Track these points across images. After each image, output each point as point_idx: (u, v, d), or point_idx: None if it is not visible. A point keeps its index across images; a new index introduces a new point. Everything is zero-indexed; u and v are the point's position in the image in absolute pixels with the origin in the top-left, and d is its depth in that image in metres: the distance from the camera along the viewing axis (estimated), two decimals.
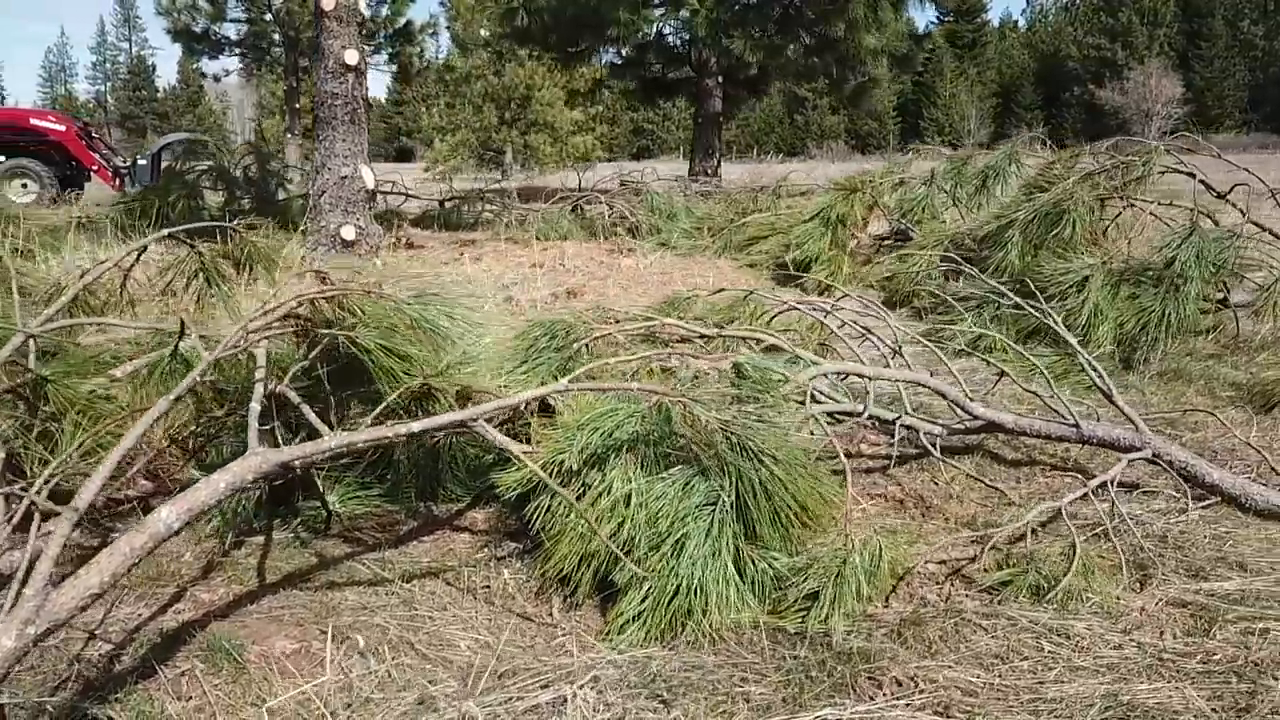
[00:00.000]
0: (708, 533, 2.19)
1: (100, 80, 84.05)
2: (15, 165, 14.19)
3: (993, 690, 2.07)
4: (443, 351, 2.25)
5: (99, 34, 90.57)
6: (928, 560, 2.60)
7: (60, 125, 14.80)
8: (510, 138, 24.76)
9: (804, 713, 1.92)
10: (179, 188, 8.63)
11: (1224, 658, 2.18)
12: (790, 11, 13.06)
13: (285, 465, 1.90)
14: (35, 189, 14.09)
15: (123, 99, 79.45)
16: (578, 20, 12.71)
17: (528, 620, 2.35)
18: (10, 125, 14.64)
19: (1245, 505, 3.00)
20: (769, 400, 2.39)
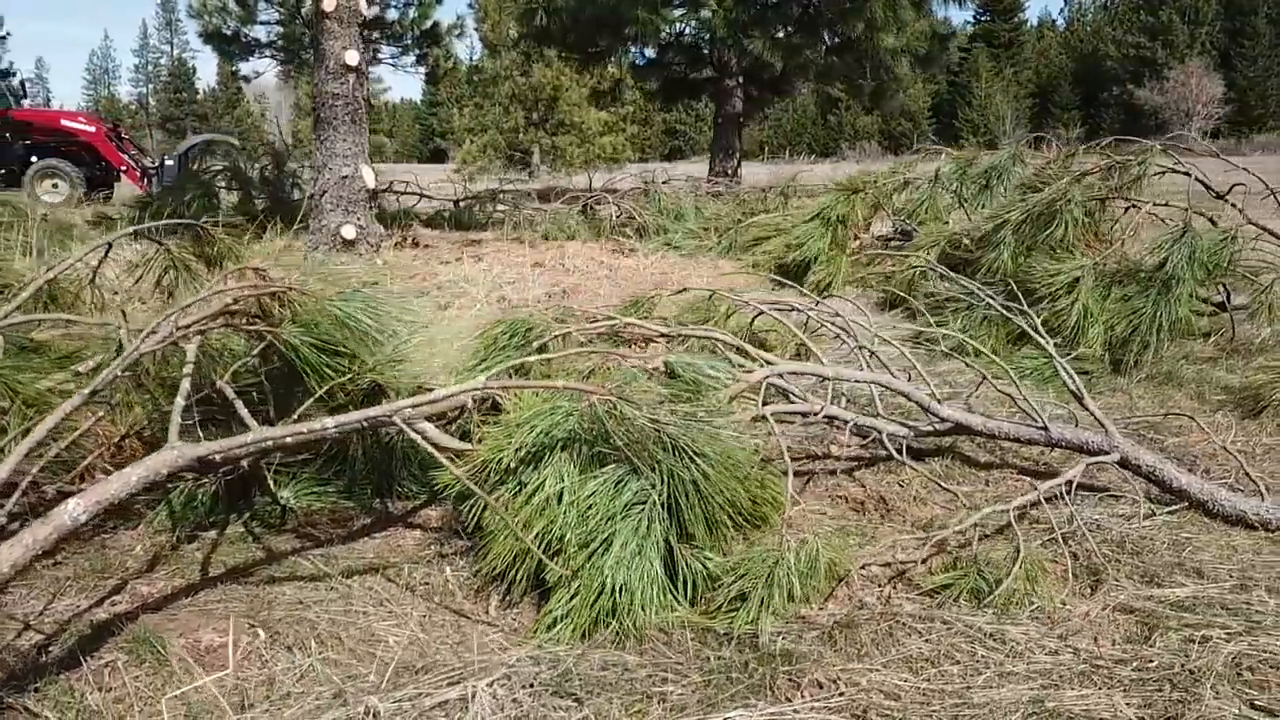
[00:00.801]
0: (635, 532, 2.18)
1: (142, 83, 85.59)
2: (46, 165, 14.46)
3: (917, 694, 2.04)
4: (367, 349, 2.26)
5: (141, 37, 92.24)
6: (871, 563, 2.58)
7: (90, 126, 15.07)
8: (537, 138, 24.84)
9: (716, 713, 1.90)
10: (195, 188, 8.75)
11: (1160, 665, 2.14)
12: (810, 11, 12.99)
13: (202, 460, 1.92)
14: (65, 189, 14.35)
15: (164, 101, 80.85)
16: (596, 20, 12.73)
17: (464, 617, 2.36)
18: (42, 126, 14.94)
19: (1213, 511, 2.94)
20: (703, 400, 2.37)
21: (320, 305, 2.18)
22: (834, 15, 12.52)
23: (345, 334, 2.20)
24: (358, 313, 2.21)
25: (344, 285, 2.46)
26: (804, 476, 3.30)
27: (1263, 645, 2.22)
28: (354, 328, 2.19)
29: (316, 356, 2.22)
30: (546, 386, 2.24)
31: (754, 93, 15.91)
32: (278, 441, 2.03)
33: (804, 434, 3.65)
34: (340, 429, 2.03)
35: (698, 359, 2.44)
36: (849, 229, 6.55)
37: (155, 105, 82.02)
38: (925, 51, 14.09)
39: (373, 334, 2.19)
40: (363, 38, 19.50)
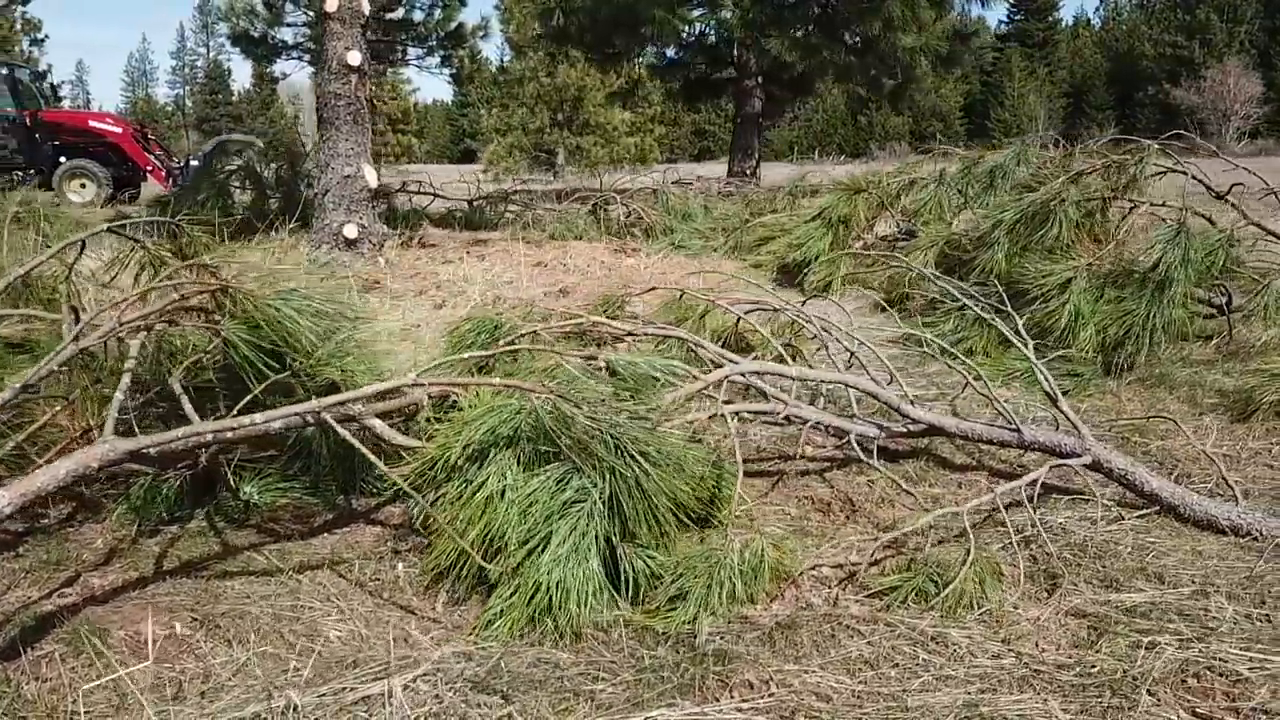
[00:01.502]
0: (572, 530, 2.18)
1: (179, 85, 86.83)
2: (74, 166, 14.70)
3: (851, 696, 2.03)
4: (303, 347, 2.28)
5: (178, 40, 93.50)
6: (822, 564, 2.56)
7: (117, 127, 15.31)
8: (562, 139, 24.91)
9: (641, 712, 1.90)
10: (209, 188, 8.85)
11: (1103, 670, 2.11)
12: (828, 11, 12.92)
13: (134, 453, 1.94)
14: (93, 189, 14.58)
15: (199, 102, 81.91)
16: (613, 20, 12.74)
17: (410, 614, 2.37)
18: (70, 127, 15.18)
19: (1184, 515, 2.90)
20: (647, 398, 2.37)
21: (256, 303, 2.20)
22: (851, 15, 12.44)
23: (283, 332, 2.22)
24: (293, 311, 2.22)
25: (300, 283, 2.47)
26: (773, 476, 3.29)
27: (1213, 652, 2.19)
28: (289, 326, 2.20)
29: (255, 354, 2.24)
30: (481, 384, 2.24)
31: (775, 92, 15.85)
32: (216, 436, 2.05)
33: (779, 434, 3.64)
34: (269, 423, 2.05)
35: (639, 358, 2.44)
36: (851, 229, 6.51)
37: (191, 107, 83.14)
38: (946, 51, 13.96)
39: (305, 332, 2.21)
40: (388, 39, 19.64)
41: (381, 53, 22.22)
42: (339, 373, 2.39)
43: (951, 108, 65.01)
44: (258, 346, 2.23)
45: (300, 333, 2.19)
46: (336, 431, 2.12)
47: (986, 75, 68.77)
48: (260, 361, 2.24)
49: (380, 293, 5.74)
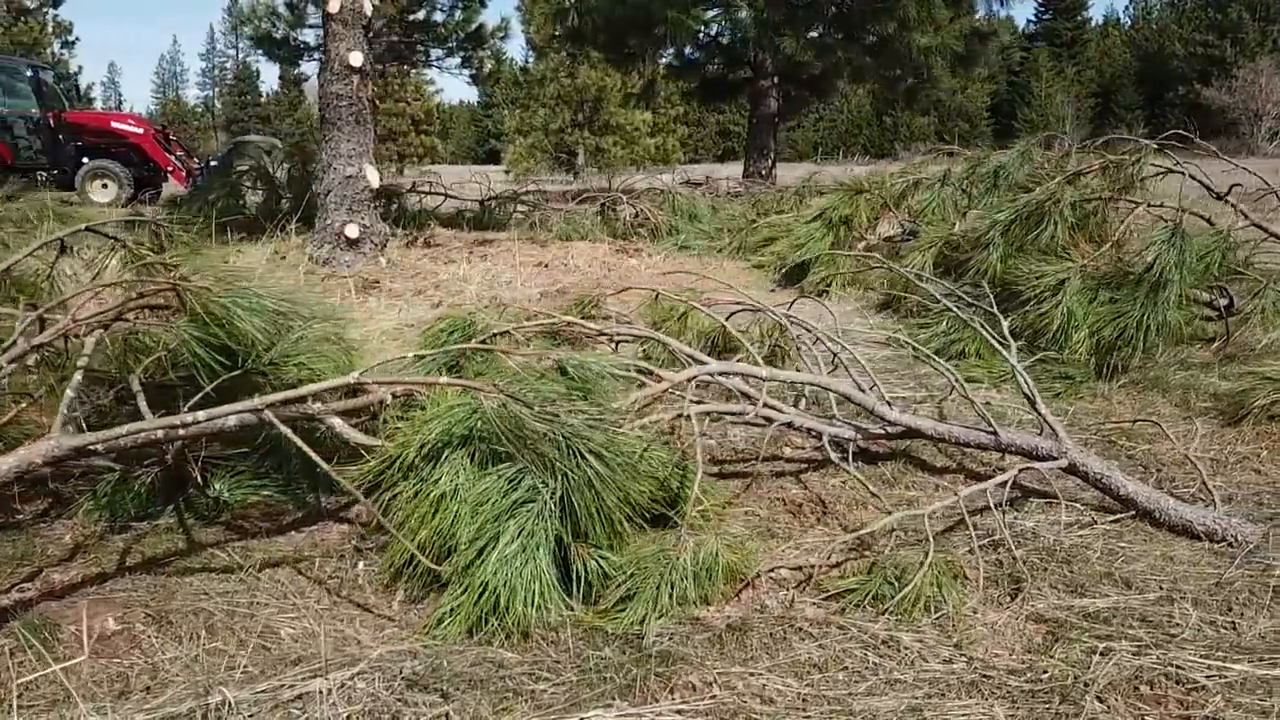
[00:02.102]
0: (520, 530, 2.18)
1: (208, 86, 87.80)
2: (97, 166, 14.86)
3: (796, 699, 2.01)
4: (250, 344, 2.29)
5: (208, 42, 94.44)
6: (782, 565, 2.55)
7: (138, 128, 15.47)
8: (582, 139, 24.93)
9: (577, 712, 1.89)
10: (220, 188, 8.93)
11: (1055, 676, 2.09)
12: (843, 10, 12.85)
13: (80, 450, 1.96)
14: (114, 189, 14.74)
15: (229, 104, 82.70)
16: (627, 20, 12.73)
17: (366, 611, 2.38)
18: (93, 128, 15.36)
19: (1159, 520, 2.86)
20: (597, 397, 2.36)
21: (205, 301, 2.21)
22: (866, 14, 12.36)
23: (232, 329, 2.23)
24: (242, 309, 2.23)
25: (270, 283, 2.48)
26: (748, 478, 3.27)
27: (1171, 659, 2.15)
28: (238, 324, 2.21)
29: (206, 351, 2.25)
30: (426, 383, 2.24)
31: (792, 92, 15.79)
32: (168, 433, 2.06)
33: (759, 436, 3.61)
34: (211, 420, 2.06)
35: (591, 358, 2.43)
36: (854, 230, 6.48)
37: (220, 108, 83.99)
38: (964, 51, 13.85)
39: (254, 330, 2.22)
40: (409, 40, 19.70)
41: (402, 54, 22.36)
42: (295, 370, 2.39)
43: (978, 108, 64.47)
44: (208, 344, 2.25)
45: (249, 330, 2.20)
46: (286, 429, 2.13)
47: (1013, 75, 68.16)
48: (211, 359, 2.26)
49: (379, 292, 5.76)
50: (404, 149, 36.10)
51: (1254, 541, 2.70)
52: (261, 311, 2.25)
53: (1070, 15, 70.61)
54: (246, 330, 2.20)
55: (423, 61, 23.22)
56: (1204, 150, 4.76)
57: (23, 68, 15.82)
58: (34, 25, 33.37)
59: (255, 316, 2.22)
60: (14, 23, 32.65)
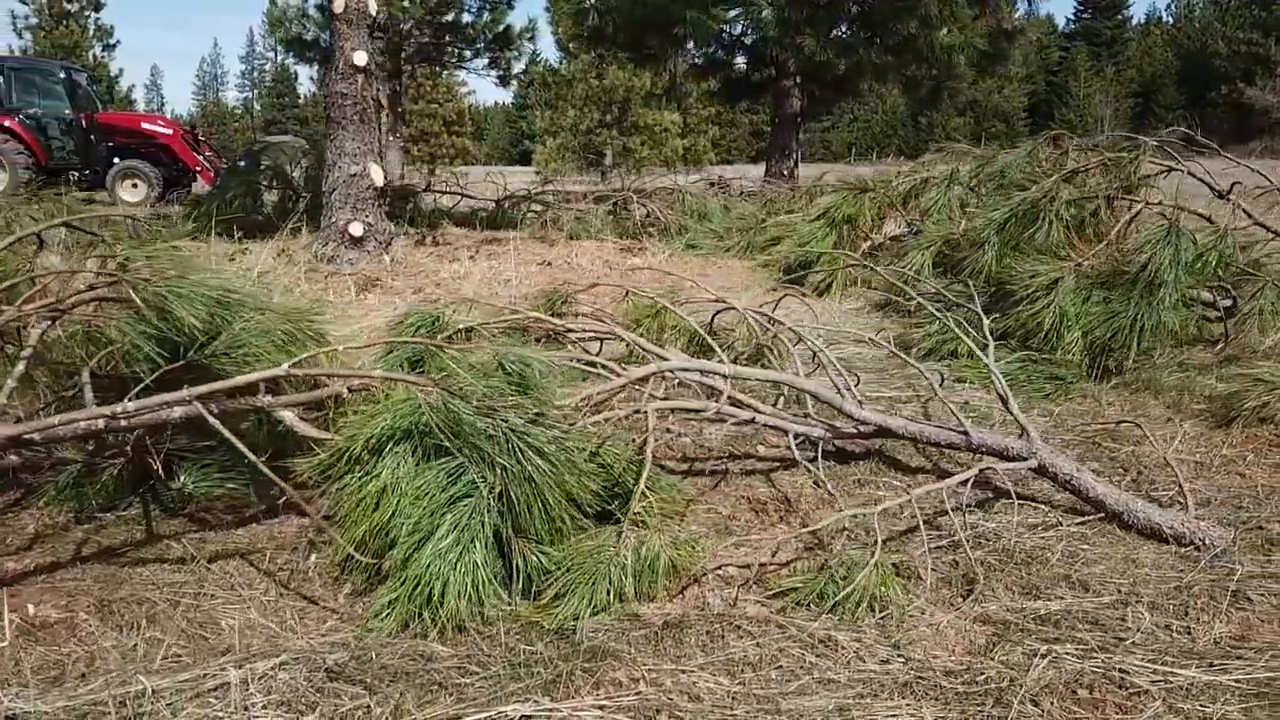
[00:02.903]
0: (457, 524, 2.18)
1: (248, 88, 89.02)
2: (127, 167, 15.12)
3: (725, 697, 1.99)
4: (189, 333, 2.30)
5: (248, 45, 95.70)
6: (730, 563, 2.53)
7: (168, 129, 15.72)
8: (610, 139, 24.96)
9: (495, 706, 1.89)
10: (237, 187, 9.05)
11: (991, 678, 2.05)
12: (864, 9, 12.75)
13: (14, 439, 1.98)
14: (144, 189, 14.98)
15: (267, 105, 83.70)
16: (646, 20, 12.72)
17: (311, 603, 2.38)
18: (124, 129, 15.62)
19: (1128, 522, 2.80)
20: (538, 393, 2.35)
21: (143, 293, 2.23)
22: (888, 13, 12.25)
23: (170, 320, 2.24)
24: (179, 300, 2.25)
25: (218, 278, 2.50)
26: (718, 475, 3.25)
27: (1115, 663, 2.11)
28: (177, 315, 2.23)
29: (146, 342, 2.27)
30: (360, 376, 2.25)
31: (816, 92, 15.71)
32: (109, 423, 2.09)
33: (735, 434, 3.60)
34: (141, 413, 2.08)
35: (532, 353, 2.42)
36: (858, 229, 6.42)
37: (259, 110, 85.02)
38: (990, 49, 13.69)
39: (191, 320, 2.23)
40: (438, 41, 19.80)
41: (431, 55, 22.52)
42: (235, 363, 2.41)
43: (1015, 108, 63.81)
44: (148, 335, 2.27)
45: (188, 320, 2.21)
46: (215, 420, 2.14)
47: (1051, 75, 67.39)
48: (152, 350, 2.28)
49: (378, 290, 5.80)
50: (435, 150, 36.34)
51: (1221, 546, 2.64)
52: (200, 301, 2.26)
53: (1110, 14, 69.72)
54: (185, 320, 2.21)
55: (451, 63, 23.38)
56: (1206, 148, 4.67)
57: (56, 69, 16.13)
58: (74, 29, 33.99)
59: (194, 306, 2.24)
60: (55, 26, 33.29)
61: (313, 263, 6.24)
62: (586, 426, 2.54)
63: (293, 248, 6.85)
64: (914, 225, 6.61)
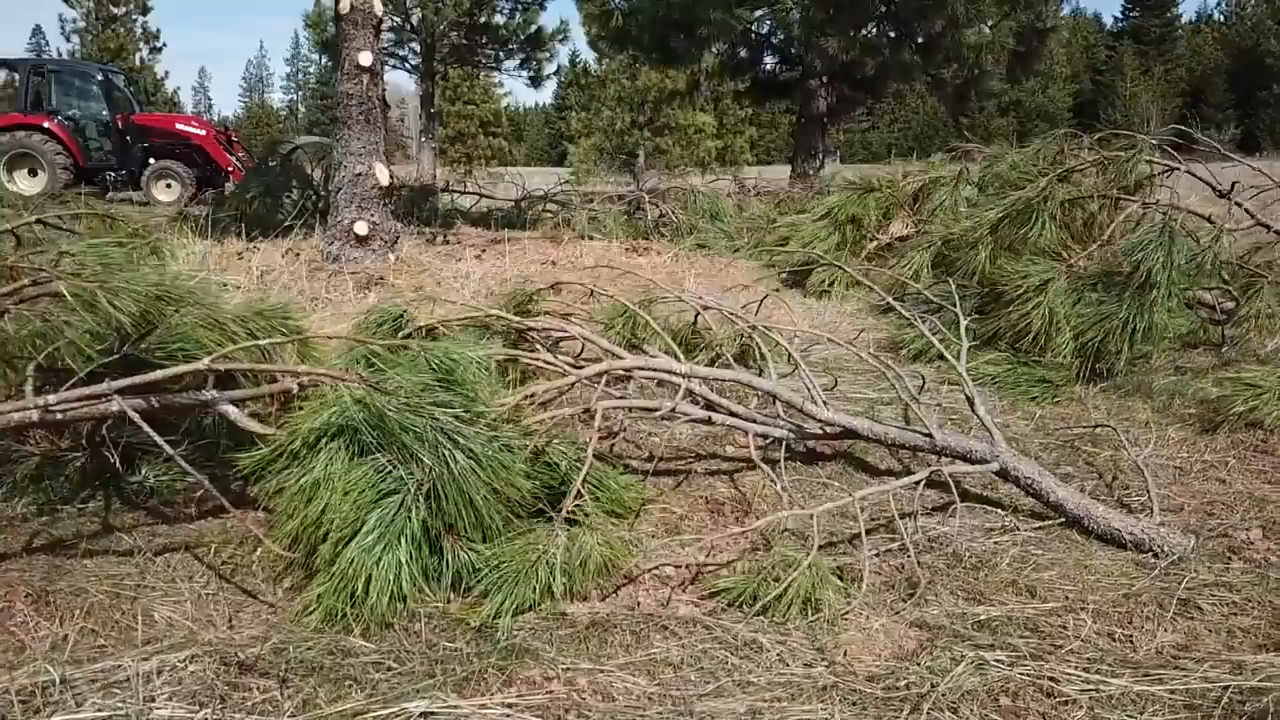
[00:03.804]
0: (383, 520, 2.19)
1: (293, 90, 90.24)
2: (161, 167, 15.34)
3: (639, 698, 1.98)
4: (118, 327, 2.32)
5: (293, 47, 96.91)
6: (668, 563, 2.51)
7: (201, 130, 15.94)
8: (642, 140, 24.96)
9: (402, 703, 1.89)
10: (257, 187, 9.16)
11: (913, 684, 2.02)
12: (889, 8, 12.62)
13: None
14: (177, 189, 15.19)
15: (312, 107, 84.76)
16: (670, 20, 12.69)
17: (251, 597, 2.40)
18: (159, 130, 15.86)
19: (1088, 527, 2.75)
20: (466, 389, 2.35)
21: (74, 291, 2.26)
22: (913, 12, 12.12)
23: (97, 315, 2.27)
24: (108, 295, 2.27)
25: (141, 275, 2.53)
26: (682, 475, 3.23)
27: (1046, 671, 2.07)
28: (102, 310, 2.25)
29: (80, 336, 2.30)
30: (285, 371, 2.26)
31: (846, 91, 15.59)
32: (44, 416, 2.12)
33: (706, 433, 3.57)
34: (63, 405, 2.11)
35: (458, 349, 2.42)
36: (863, 229, 6.36)
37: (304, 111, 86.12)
38: (1021, 49, 13.50)
39: (119, 315, 2.26)
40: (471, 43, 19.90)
41: (464, 57, 22.67)
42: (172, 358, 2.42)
43: (1059, 108, 62.87)
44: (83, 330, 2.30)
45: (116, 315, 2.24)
46: (135, 415, 2.17)
47: (1097, 74, 66.37)
48: (84, 344, 2.31)
49: (380, 289, 5.84)
50: (471, 151, 36.55)
51: (1179, 553, 2.58)
52: (132, 297, 2.29)
53: (1159, 12, 68.48)
54: (112, 315, 2.24)
55: (484, 64, 23.51)
56: (1208, 147, 4.56)
57: (94, 72, 16.44)
58: (121, 32, 34.65)
59: (123, 301, 2.26)
60: (102, 29, 33.97)
61: (318, 261, 6.30)
62: (530, 425, 2.53)
63: (303, 247, 6.92)
64: (921, 225, 6.53)
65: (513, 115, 60.24)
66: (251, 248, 6.82)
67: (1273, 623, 2.27)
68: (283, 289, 5.43)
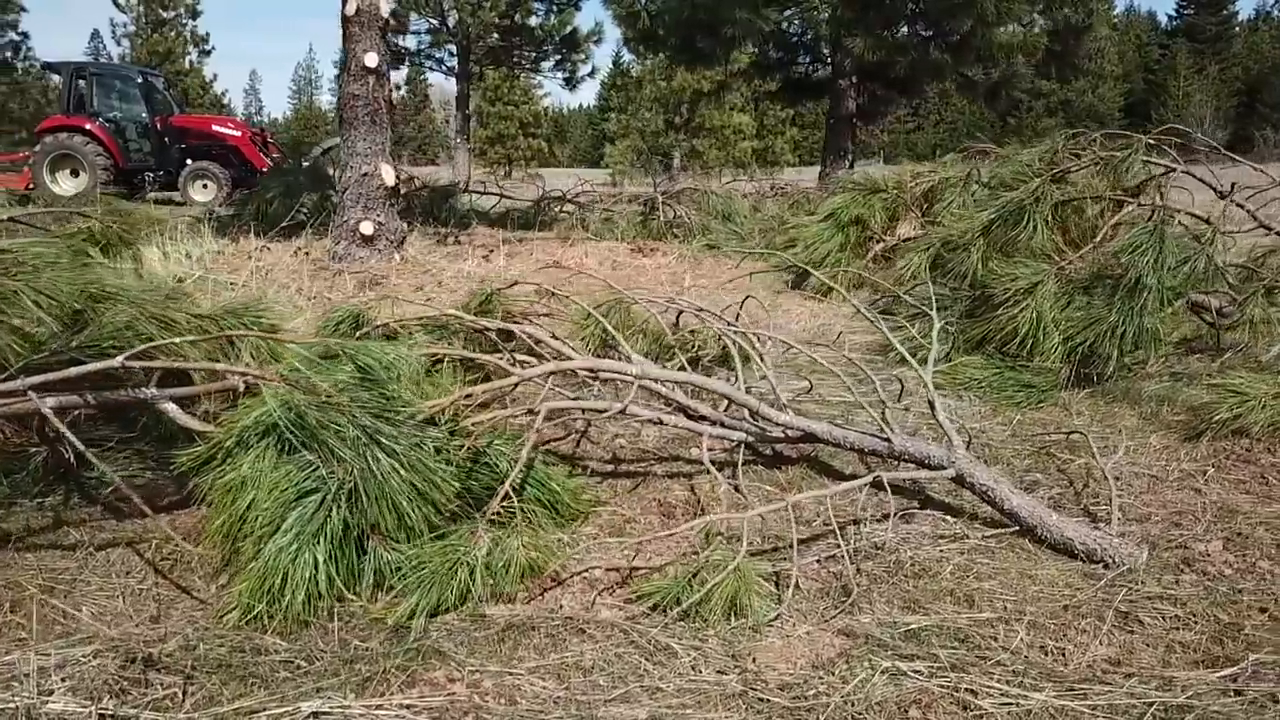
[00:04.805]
0: (302, 518, 2.19)
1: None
2: (198, 168, 15.64)
3: (543, 701, 1.96)
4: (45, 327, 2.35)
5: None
6: (599, 566, 2.49)
7: (237, 131, 16.21)
8: (676, 141, 24.91)
9: (298, 702, 1.89)
10: (276, 187, 9.28)
11: (822, 693, 1.98)
12: (919, 7, 12.46)
13: None
14: (214, 189, 15.47)
15: None
16: (696, 21, 12.64)
17: (184, 594, 2.42)
18: (196, 131, 16.16)
19: (1040, 536, 2.68)
20: (387, 389, 2.34)
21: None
22: (943, 11, 11.94)
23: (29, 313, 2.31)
24: (32, 294, 2.30)
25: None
26: (640, 478, 3.21)
27: (965, 683, 2.02)
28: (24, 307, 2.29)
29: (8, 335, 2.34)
30: (204, 369, 2.27)
31: (878, 92, 15.45)
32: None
33: (672, 435, 3.54)
34: None
35: (378, 349, 2.41)
36: (868, 230, 6.28)
37: None
38: (1054, 47, 13.26)
39: (41, 313, 2.28)
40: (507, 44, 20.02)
41: (500, 58, 22.82)
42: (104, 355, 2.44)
43: (1110, 108, 61.73)
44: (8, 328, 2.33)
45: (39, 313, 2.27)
46: (49, 411, 2.19)
47: (1150, 73, 65.10)
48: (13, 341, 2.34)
49: (380, 288, 5.88)
50: (511, 152, 36.76)
51: (1130, 564, 2.50)
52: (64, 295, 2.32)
53: (1215, 9, 66.96)
54: (33, 312, 2.27)
55: (521, 66, 23.64)
56: (1206, 147, 4.43)
57: (134, 74, 16.77)
58: (169, 36, 35.34)
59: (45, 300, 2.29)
60: (152, 33, 34.67)
61: (323, 260, 6.36)
62: (468, 426, 2.52)
63: (314, 247, 6.99)
64: (929, 227, 6.44)
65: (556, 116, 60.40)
66: (263, 247, 6.90)
67: (1213, 638, 2.20)
68: (280, 288, 5.48)
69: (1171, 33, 69.04)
